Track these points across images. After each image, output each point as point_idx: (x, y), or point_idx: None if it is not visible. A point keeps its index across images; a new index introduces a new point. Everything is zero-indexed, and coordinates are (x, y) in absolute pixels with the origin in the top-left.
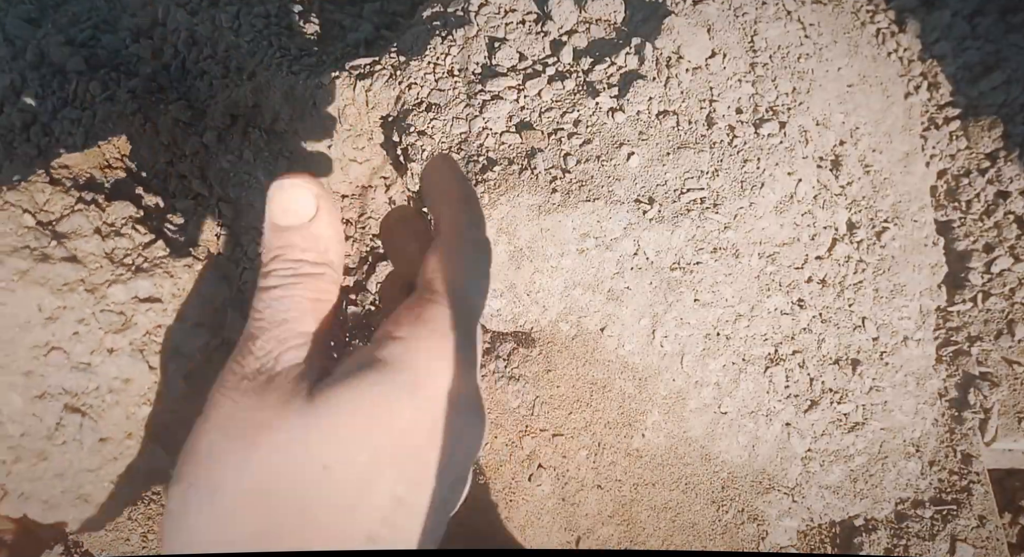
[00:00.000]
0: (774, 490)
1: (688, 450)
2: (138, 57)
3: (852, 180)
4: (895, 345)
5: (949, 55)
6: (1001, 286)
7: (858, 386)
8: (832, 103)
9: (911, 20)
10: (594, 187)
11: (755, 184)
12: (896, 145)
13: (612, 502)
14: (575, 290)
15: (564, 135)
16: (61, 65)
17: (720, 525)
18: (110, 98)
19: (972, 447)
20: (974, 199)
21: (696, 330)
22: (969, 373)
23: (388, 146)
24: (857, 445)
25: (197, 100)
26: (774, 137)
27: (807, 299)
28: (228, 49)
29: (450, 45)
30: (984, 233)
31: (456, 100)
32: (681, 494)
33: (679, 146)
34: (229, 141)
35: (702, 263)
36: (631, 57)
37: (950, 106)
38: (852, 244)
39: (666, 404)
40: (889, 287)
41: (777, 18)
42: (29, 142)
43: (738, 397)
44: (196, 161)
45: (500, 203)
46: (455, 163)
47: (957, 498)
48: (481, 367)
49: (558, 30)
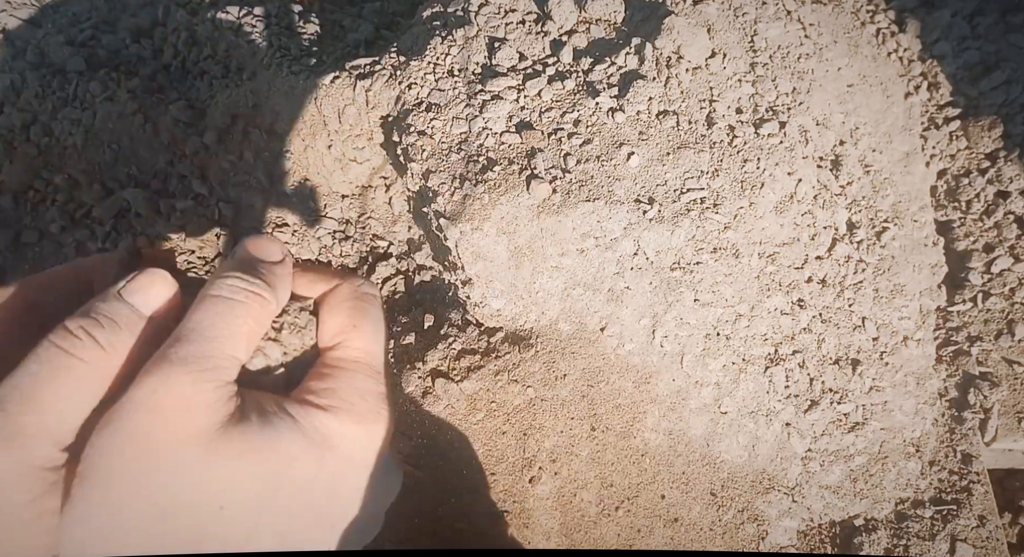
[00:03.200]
0: (774, 490)
1: (688, 450)
2: (138, 57)
3: (852, 180)
4: (895, 345)
5: (949, 55)
6: (1001, 286)
7: (858, 386)
8: (832, 103)
9: (911, 20)
10: (594, 187)
11: (755, 184)
12: (896, 145)
13: (612, 502)
14: (575, 290)
15: (564, 135)
16: (61, 65)
17: (720, 525)
18: (110, 98)
19: (972, 447)
20: (974, 199)
21: (696, 330)
22: (969, 373)
23: (388, 146)
24: (857, 445)
25: (197, 100)
26: (774, 137)
27: (807, 299)
28: (228, 49)
29: (450, 45)
30: (984, 233)
31: (456, 100)
32: (681, 494)
33: (679, 146)
34: (229, 141)
35: (702, 263)
36: (631, 57)
37: (950, 106)
38: (852, 244)
39: (666, 404)
40: (889, 287)
41: (777, 18)
42: (29, 142)
43: (738, 397)
44: (196, 161)
45: (500, 203)
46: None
47: (957, 498)
48: (481, 367)
49: (558, 30)
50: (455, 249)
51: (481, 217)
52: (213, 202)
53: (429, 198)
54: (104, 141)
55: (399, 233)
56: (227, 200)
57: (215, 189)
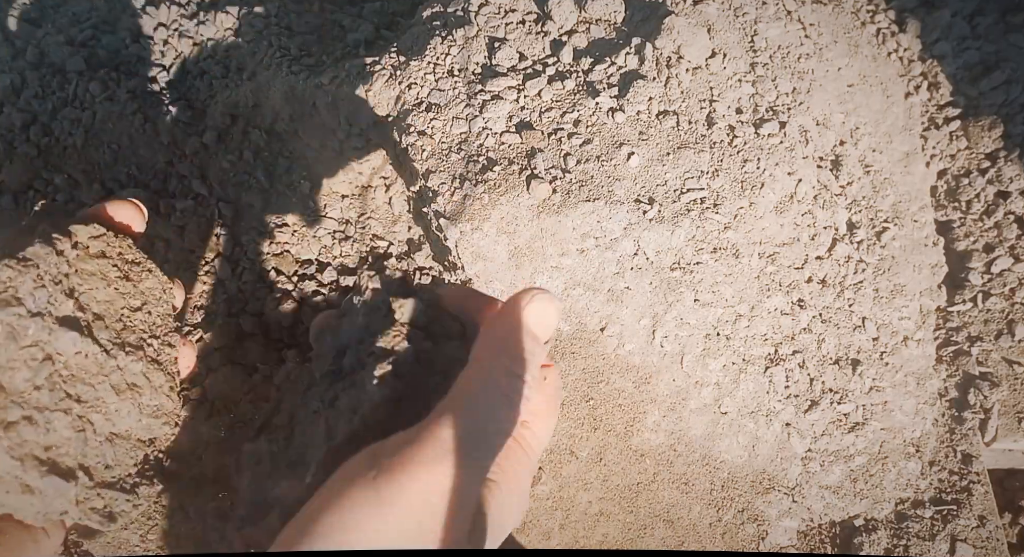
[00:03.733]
0: (774, 490)
1: (688, 450)
2: (138, 57)
3: (852, 180)
4: (895, 345)
5: (949, 55)
6: (1001, 286)
7: (858, 386)
8: (832, 103)
9: (911, 20)
10: (594, 187)
11: (755, 184)
12: (896, 145)
13: (612, 502)
14: (575, 290)
15: (564, 135)
16: (61, 65)
17: (720, 525)
18: (110, 98)
19: (972, 447)
20: (974, 199)
21: (696, 330)
22: (969, 373)
23: (388, 146)
24: (857, 445)
25: (197, 100)
26: (774, 137)
27: (807, 299)
28: (228, 49)
29: (450, 45)
30: (984, 233)
31: (456, 100)
32: (681, 494)
33: (679, 146)
34: (229, 141)
35: (702, 263)
36: (631, 57)
37: (950, 106)
38: (852, 244)
39: (666, 404)
40: (889, 287)
41: (777, 18)
42: (29, 142)
43: (738, 397)
44: (196, 161)
45: (500, 203)
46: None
47: (957, 498)
48: None
49: (558, 30)
50: (455, 249)
51: (481, 217)
52: (213, 202)
53: (429, 198)
54: (104, 141)
55: (399, 233)
56: (227, 200)
57: (215, 189)
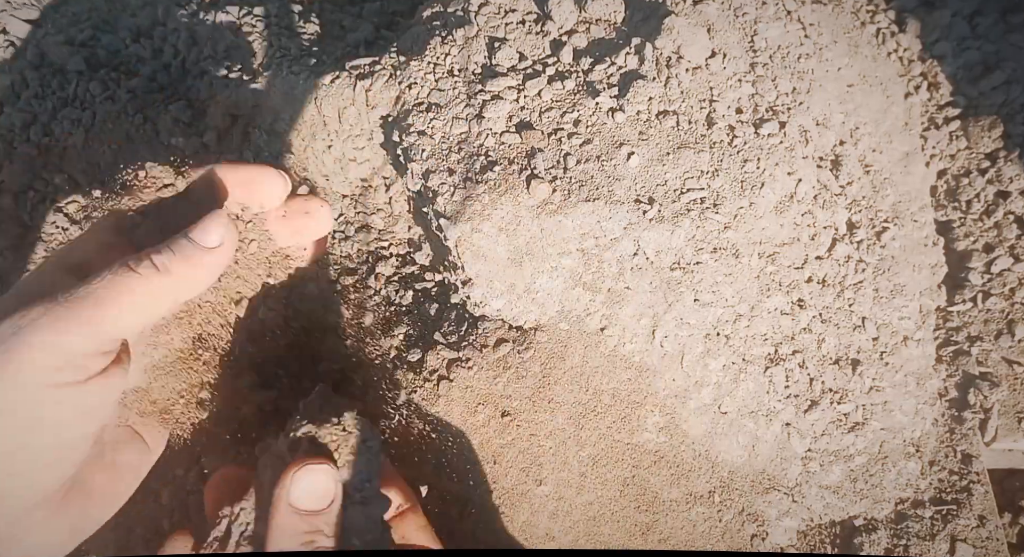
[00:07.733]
0: (774, 490)
1: (688, 450)
2: (138, 57)
3: (852, 180)
4: (895, 345)
5: (949, 55)
6: (1001, 286)
7: (858, 386)
8: (832, 103)
9: (911, 20)
10: (594, 187)
11: (755, 184)
12: (896, 145)
13: (612, 502)
14: (575, 290)
15: (564, 135)
16: (61, 65)
17: (720, 525)
18: (110, 98)
19: (972, 447)
20: (974, 199)
21: (696, 330)
22: (969, 373)
23: (388, 146)
24: (857, 445)
25: (197, 100)
26: (774, 137)
27: (807, 299)
28: (228, 49)
29: (450, 45)
30: (984, 233)
31: (456, 100)
32: (681, 494)
33: (679, 146)
34: (229, 141)
35: (702, 263)
36: (631, 57)
37: (950, 106)
38: (852, 244)
39: (666, 404)
40: (889, 287)
41: (777, 18)
42: (29, 142)
43: (738, 397)
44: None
45: (500, 203)
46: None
47: (957, 498)
48: (481, 368)
49: (558, 30)
50: (455, 249)
51: (481, 217)
52: None
53: (429, 198)
54: (104, 141)
55: (399, 233)
56: None
57: None
